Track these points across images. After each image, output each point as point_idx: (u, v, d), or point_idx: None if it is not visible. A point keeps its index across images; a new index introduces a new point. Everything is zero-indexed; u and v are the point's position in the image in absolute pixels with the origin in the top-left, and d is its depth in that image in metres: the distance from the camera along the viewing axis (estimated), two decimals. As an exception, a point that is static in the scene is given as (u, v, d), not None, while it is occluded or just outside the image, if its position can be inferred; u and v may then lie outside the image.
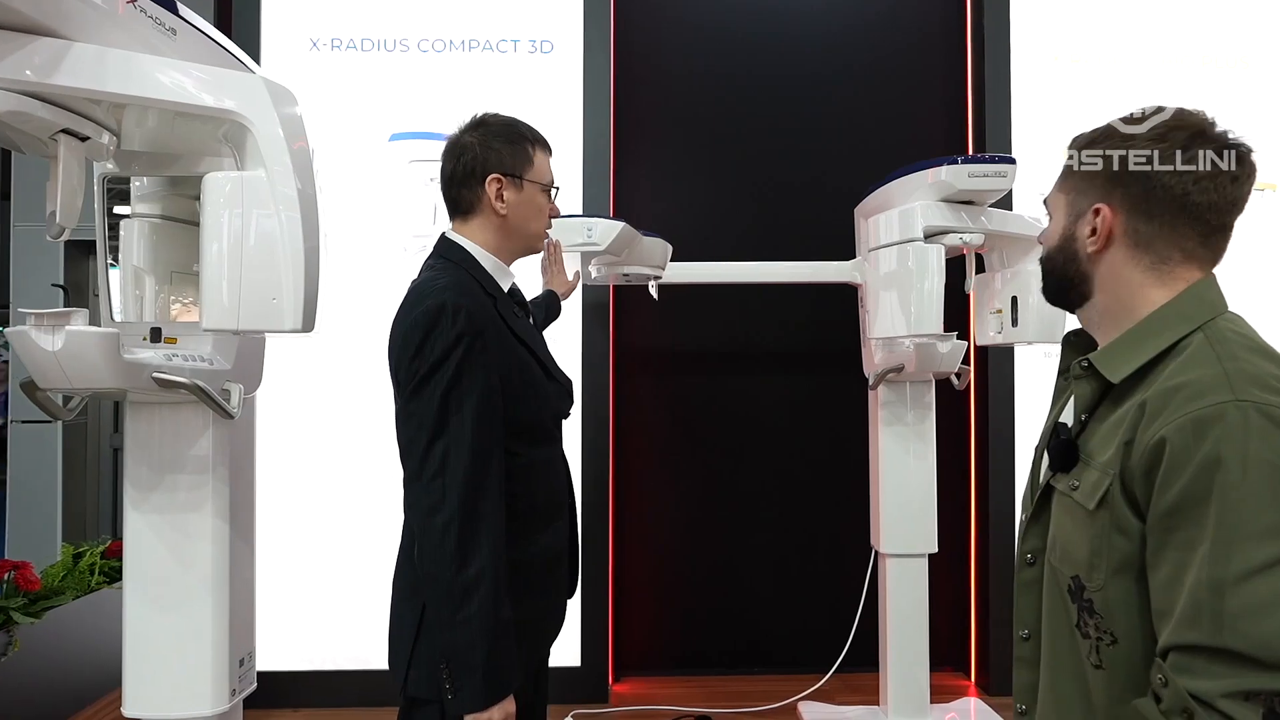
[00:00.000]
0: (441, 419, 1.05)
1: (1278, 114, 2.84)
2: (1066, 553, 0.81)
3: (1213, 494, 0.68)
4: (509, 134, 1.22)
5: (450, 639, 1.04)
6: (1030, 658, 0.90)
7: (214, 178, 1.08)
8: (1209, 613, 0.66)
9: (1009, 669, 2.87)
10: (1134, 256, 0.81)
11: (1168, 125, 0.79)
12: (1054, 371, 1.00)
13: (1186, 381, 0.72)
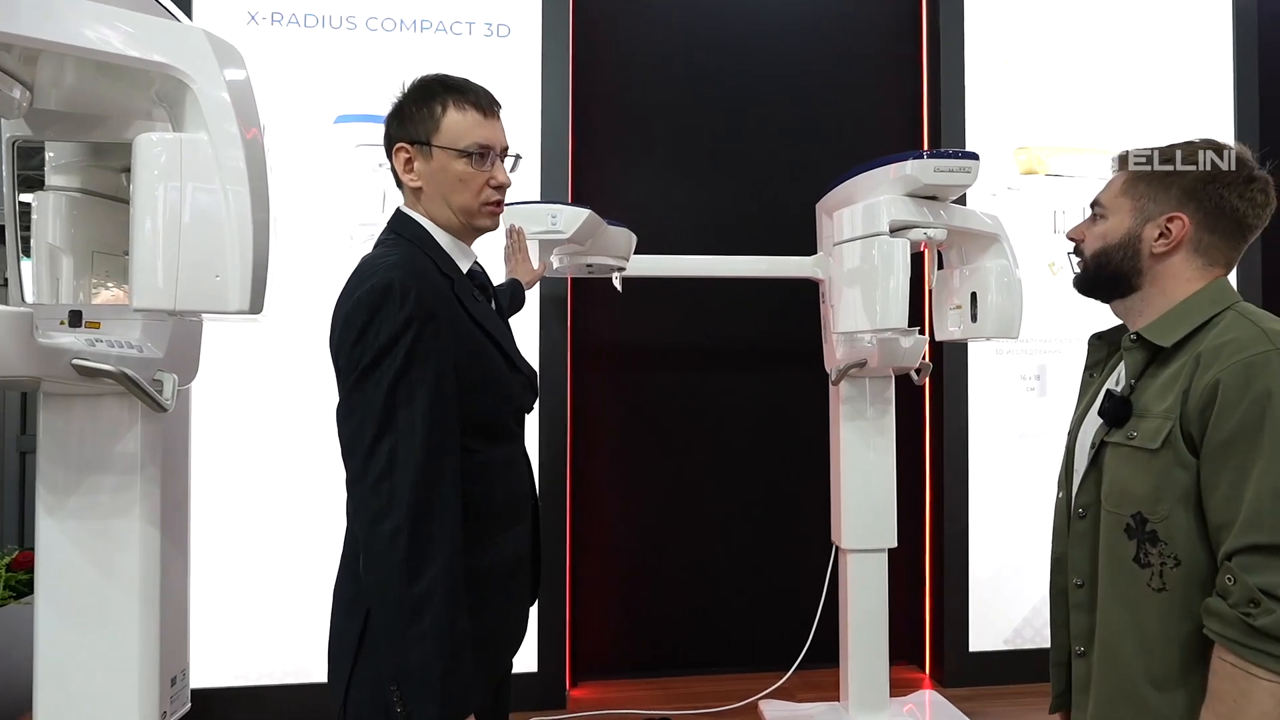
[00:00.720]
0: (388, 413, 0.93)
1: (1199, 111, 2.98)
2: (1126, 494, 0.96)
3: (1264, 422, 0.85)
4: (420, 93, 1.08)
5: (401, 658, 0.92)
6: (1085, 603, 1.03)
7: (147, 139, 0.96)
8: (1268, 517, 0.83)
9: (962, 662, 2.92)
10: (1190, 259, 1.01)
11: (1237, 158, 1.00)
12: (1006, 368, 1.37)
13: (1232, 339, 0.91)
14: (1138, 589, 0.95)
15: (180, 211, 0.95)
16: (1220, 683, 0.86)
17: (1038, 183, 2.89)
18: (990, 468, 2.85)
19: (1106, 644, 0.99)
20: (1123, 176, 1.06)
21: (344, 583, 1.09)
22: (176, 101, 0.99)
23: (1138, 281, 1.03)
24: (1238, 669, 0.84)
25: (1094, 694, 1.01)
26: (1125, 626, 0.96)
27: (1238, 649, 0.84)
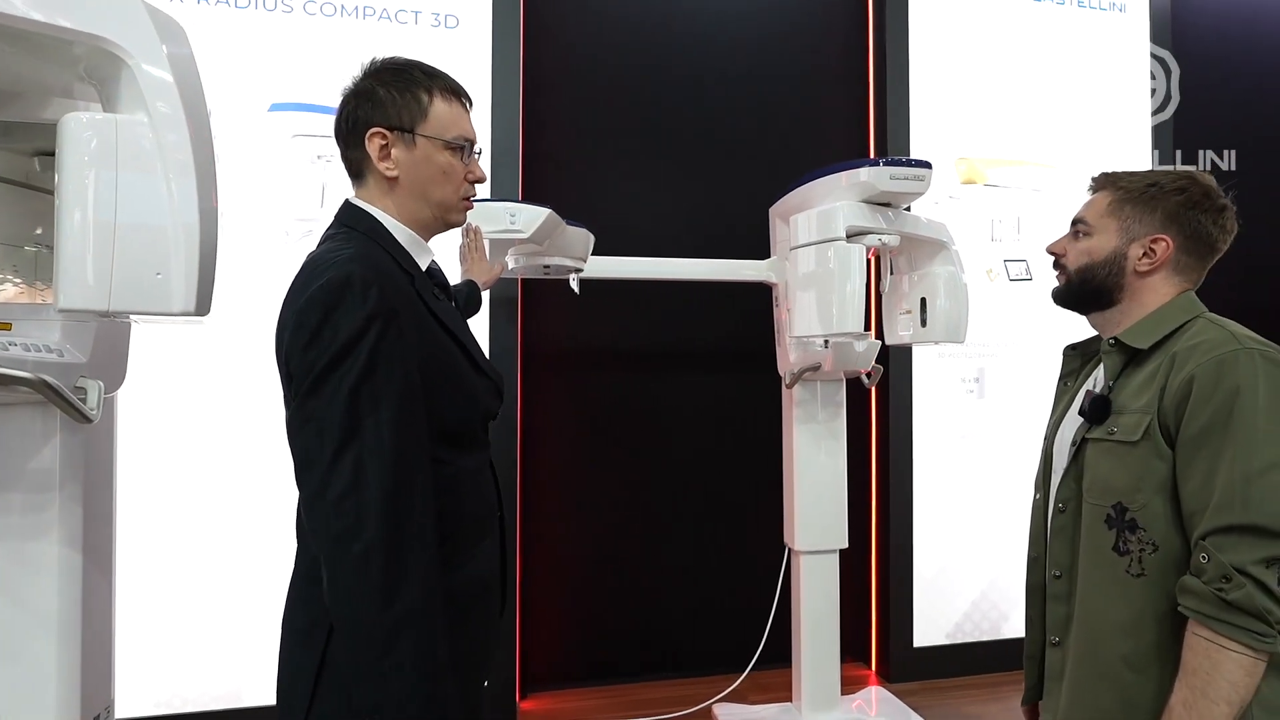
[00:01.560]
0: (351, 421, 0.84)
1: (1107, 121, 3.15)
2: (1107, 486, 1.02)
3: (1234, 414, 0.92)
4: (398, 78, 1.00)
5: (378, 691, 0.83)
6: (1063, 594, 1.09)
7: (74, 120, 0.85)
8: (1239, 499, 0.89)
9: (907, 657, 2.98)
10: (1169, 277, 1.09)
11: (1211, 188, 1.08)
12: (947, 372, 1.53)
13: (1205, 340, 0.99)
14: (1116, 576, 1.00)
15: (115, 202, 0.85)
16: (1193, 656, 0.91)
17: (977, 192, 2.99)
18: (933, 468, 2.94)
19: (1085, 630, 1.04)
20: (1108, 197, 1.12)
21: (296, 610, 0.99)
22: (109, 79, 0.88)
23: (1119, 296, 1.10)
24: (1210, 643, 0.89)
25: (1069, 680, 1.06)
26: (1104, 612, 1.01)
27: (1211, 623, 0.89)
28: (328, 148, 2.45)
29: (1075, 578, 1.07)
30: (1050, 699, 1.11)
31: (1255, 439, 0.90)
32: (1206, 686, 0.88)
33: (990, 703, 2.72)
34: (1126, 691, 0.99)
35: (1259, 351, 0.95)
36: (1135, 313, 1.09)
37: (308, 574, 0.98)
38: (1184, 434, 0.95)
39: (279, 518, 2.36)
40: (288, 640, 0.99)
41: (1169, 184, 1.08)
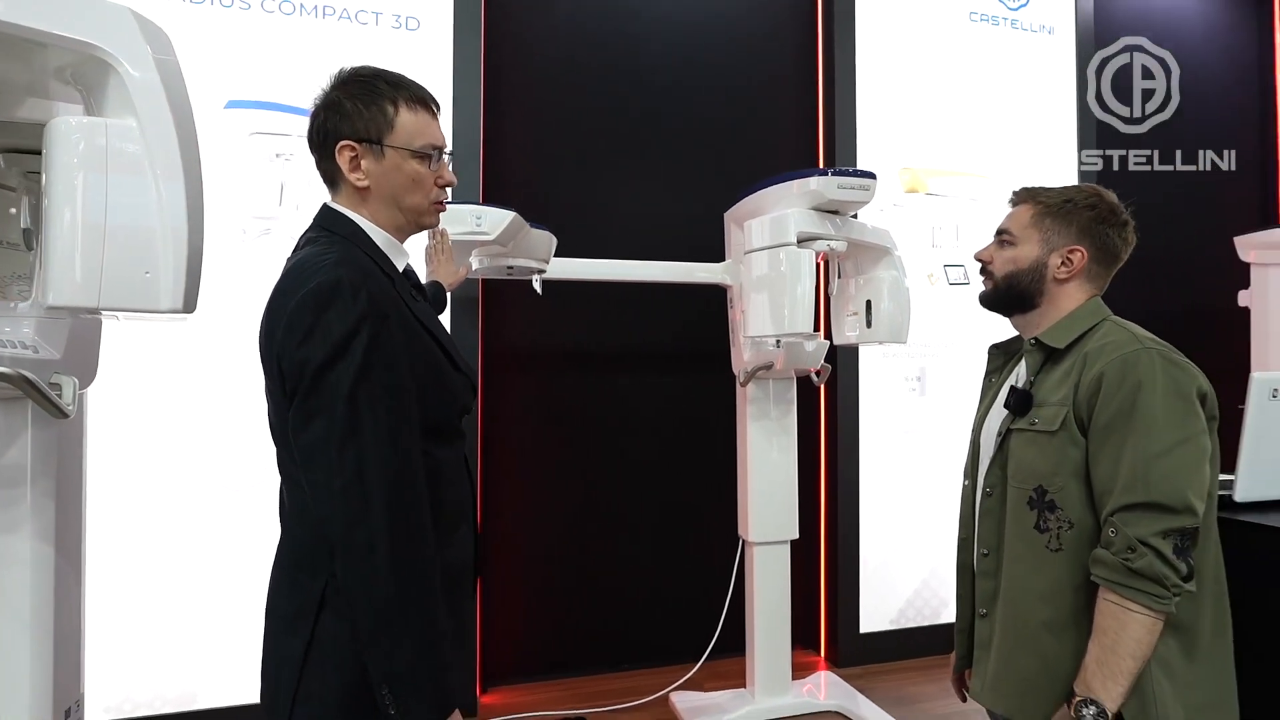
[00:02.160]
0: (352, 415, 0.90)
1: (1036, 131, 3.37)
2: (1030, 471, 1.14)
3: (1136, 406, 1.03)
4: (364, 90, 1.03)
5: (391, 661, 0.90)
6: (991, 570, 1.20)
7: (64, 124, 0.87)
8: (1141, 480, 1.01)
9: (854, 643, 3.14)
10: (1082, 284, 1.21)
11: (1116, 204, 1.21)
12: (891, 371, 1.73)
13: (1112, 340, 1.12)
14: (1037, 551, 1.11)
15: (105, 203, 0.87)
16: (1104, 619, 1.02)
17: (919, 200, 3.16)
18: (878, 462, 3.09)
19: (1010, 601, 1.15)
20: (1030, 211, 1.23)
21: (281, 598, 1.03)
22: (96, 84, 0.91)
23: (1039, 300, 1.22)
24: (1118, 605, 1.00)
25: (996, 647, 1.17)
26: (1027, 584, 1.13)
27: (1118, 589, 1.00)
28: (286, 146, 2.45)
29: (1001, 555, 1.17)
30: (979, 666, 1.21)
31: (1155, 428, 1.02)
32: (1115, 644, 1.00)
33: (930, 683, 2.89)
34: (1048, 654, 1.09)
35: (1157, 351, 1.07)
36: (1053, 315, 1.20)
37: (294, 563, 1.02)
38: (1095, 424, 1.07)
39: (234, 518, 2.34)
40: (273, 627, 1.03)
41: (1082, 200, 1.20)
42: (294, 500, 1.02)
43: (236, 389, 2.33)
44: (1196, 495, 1.00)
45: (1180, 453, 1.01)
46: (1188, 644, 1.05)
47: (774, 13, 3.17)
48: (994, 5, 3.30)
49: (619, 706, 2.63)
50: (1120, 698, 0.99)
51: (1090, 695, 1.00)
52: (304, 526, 1.00)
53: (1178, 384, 1.04)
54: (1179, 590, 0.99)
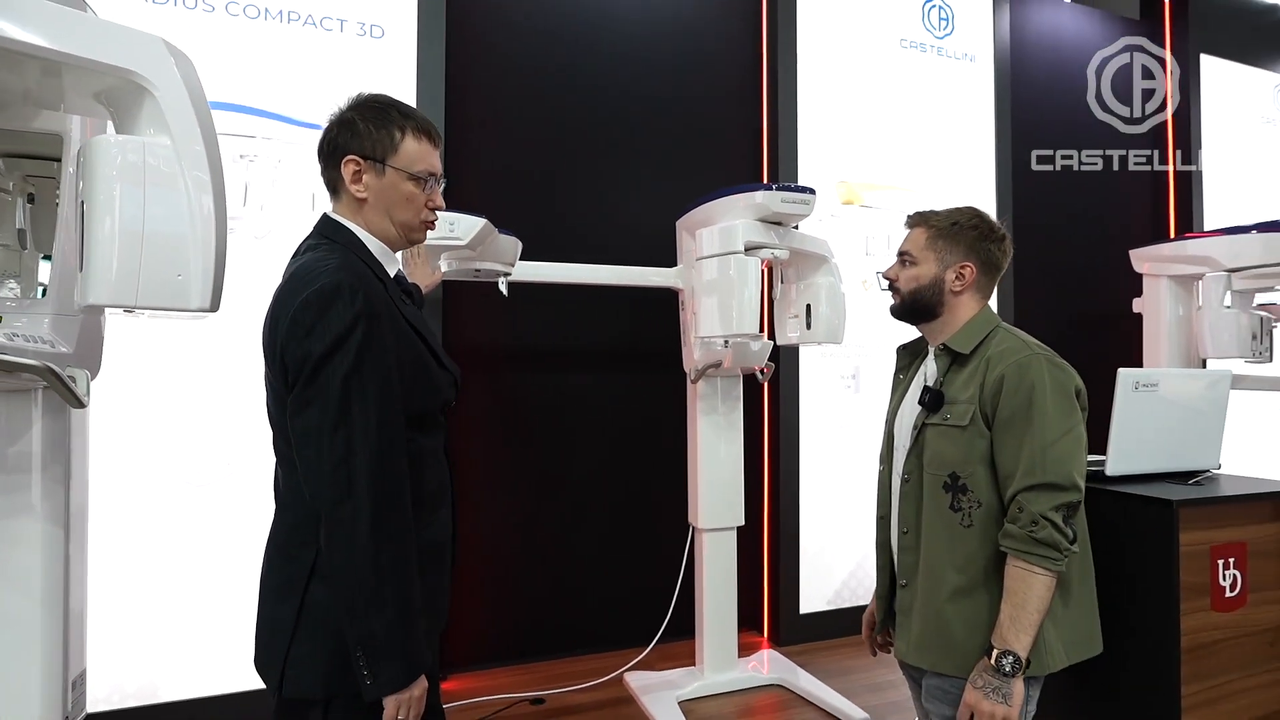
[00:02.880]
0: (343, 404, 1.01)
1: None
2: (944, 460, 1.31)
3: (1032, 403, 1.23)
4: (377, 115, 1.16)
5: (365, 626, 1.01)
6: (912, 545, 1.37)
7: (104, 142, 0.96)
8: (1039, 465, 1.20)
9: (794, 623, 3.40)
10: (973, 295, 1.39)
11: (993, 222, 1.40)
12: (828, 369, 2.04)
13: (1008, 347, 1.31)
14: (951, 528, 1.29)
15: (143, 212, 0.96)
16: (1013, 582, 1.20)
17: (854, 212, 3.41)
18: (816, 454, 3.32)
19: (929, 572, 1.31)
20: (924, 233, 1.40)
21: (272, 572, 1.13)
22: (131, 104, 1.00)
23: (940, 311, 1.39)
24: (1025, 570, 1.18)
25: (918, 611, 1.33)
26: (943, 557, 1.29)
27: (1024, 556, 1.18)
28: (250, 147, 2.50)
29: (920, 533, 1.33)
30: (902, 630, 1.38)
31: (1046, 422, 1.21)
32: (1024, 602, 1.18)
33: (864, 657, 3.13)
34: (963, 615, 1.26)
35: (1044, 356, 1.27)
36: (953, 324, 1.38)
37: (287, 540, 1.12)
38: (998, 419, 1.25)
39: (197, 513, 2.39)
40: (266, 599, 1.13)
41: (966, 221, 1.37)
42: (288, 481, 1.12)
43: (209, 384, 2.38)
44: (1079, 474, 1.20)
45: (1066, 441, 1.20)
46: (1064, 593, 1.26)
47: (722, 33, 3.37)
48: (922, 34, 3.59)
49: (576, 688, 2.77)
50: (1028, 646, 1.17)
51: (1007, 647, 1.17)
52: (297, 504, 1.10)
53: (1061, 384, 1.24)
54: (1069, 553, 1.18)
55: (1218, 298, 3.13)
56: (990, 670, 1.18)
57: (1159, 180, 4.42)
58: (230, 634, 2.40)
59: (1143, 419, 1.51)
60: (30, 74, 0.96)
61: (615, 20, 3.20)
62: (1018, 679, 1.17)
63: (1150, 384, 1.49)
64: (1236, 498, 1.42)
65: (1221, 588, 1.39)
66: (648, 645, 2.95)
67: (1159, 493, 1.43)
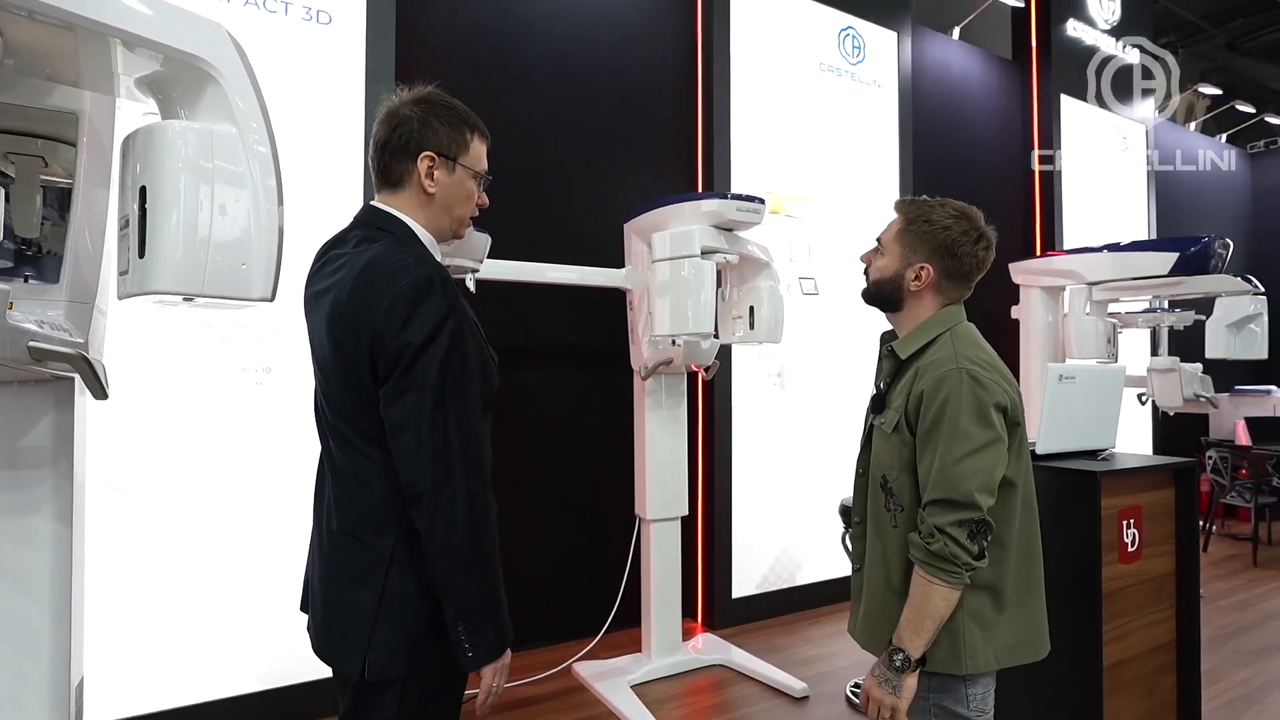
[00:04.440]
0: (439, 393, 1.05)
1: (884, 187, 4.04)
2: (879, 462, 1.34)
3: (945, 417, 1.22)
4: (451, 116, 1.21)
5: (466, 600, 1.06)
6: (861, 535, 1.41)
7: (170, 127, 0.93)
8: (942, 480, 1.20)
9: (727, 607, 3.63)
10: (934, 295, 1.35)
11: (974, 224, 1.33)
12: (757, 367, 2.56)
13: (937, 359, 1.28)
14: (885, 526, 1.32)
15: (211, 201, 0.95)
16: (913, 588, 1.22)
17: (779, 221, 3.65)
18: (746, 447, 3.53)
19: (871, 562, 1.36)
20: (898, 224, 1.36)
21: (346, 556, 1.13)
22: (189, 91, 0.97)
23: (901, 304, 1.37)
24: (923, 579, 1.20)
25: (865, 597, 1.39)
26: (879, 551, 1.34)
27: (924, 566, 1.20)
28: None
29: (867, 525, 1.38)
30: (854, 609, 1.43)
31: (955, 438, 1.19)
32: (920, 609, 1.20)
33: (791, 635, 3.37)
34: (891, 606, 1.29)
35: (966, 370, 1.23)
36: (911, 320, 1.36)
37: (359, 527, 1.12)
38: (919, 430, 1.25)
39: (124, 521, 2.23)
40: (339, 586, 1.13)
41: (938, 221, 1.31)
42: (354, 467, 1.13)
43: (136, 381, 2.23)
44: (982, 492, 1.18)
45: (972, 459, 1.18)
46: (997, 599, 1.26)
47: (663, 45, 3.52)
48: (838, 59, 3.91)
49: (525, 681, 2.81)
50: (921, 648, 1.21)
51: (900, 646, 1.22)
52: (365, 491, 1.12)
53: (978, 401, 1.20)
54: (970, 567, 1.18)
55: (1080, 307, 3.62)
56: (885, 663, 1.23)
57: (1028, 201, 5.02)
58: (155, 647, 2.26)
59: (1065, 406, 1.78)
60: (85, 51, 0.93)
61: (562, 25, 3.26)
62: (908, 675, 1.21)
63: (1070, 377, 1.76)
64: (1137, 469, 1.72)
65: (1125, 544, 1.68)
66: (595, 636, 3.03)
67: (1082, 466, 1.70)
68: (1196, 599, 1.88)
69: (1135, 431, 5.39)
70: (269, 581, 2.42)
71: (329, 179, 2.58)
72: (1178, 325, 3.96)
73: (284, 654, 2.42)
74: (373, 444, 1.10)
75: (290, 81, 2.54)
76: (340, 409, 1.13)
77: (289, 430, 2.46)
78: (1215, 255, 3.20)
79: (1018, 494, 1.27)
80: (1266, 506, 4.85)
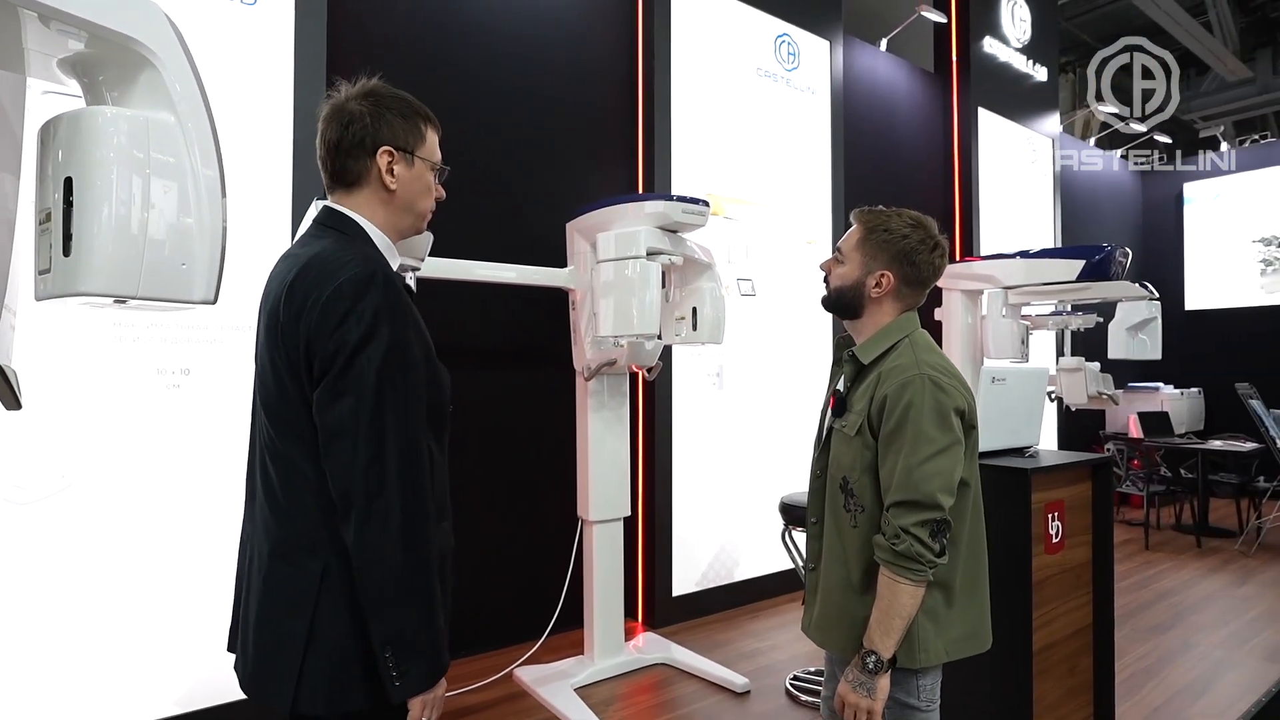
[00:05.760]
0: (378, 397, 0.98)
1: (817, 192, 4.15)
2: (839, 464, 1.36)
3: (907, 422, 1.25)
4: (404, 108, 1.16)
5: (395, 624, 0.98)
6: (818, 534, 1.43)
7: (99, 113, 0.85)
8: (906, 482, 1.23)
9: (667, 605, 3.68)
10: (893, 302, 1.38)
11: (930, 233, 1.37)
12: (696, 367, 2.66)
13: (899, 364, 1.31)
14: (845, 526, 1.34)
15: (147, 195, 0.87)
16: (881, 589, 1.24)
17: (718, 223, 3.70)
18: (686, 447, 3.56)
19: (828, 561, 1.37)
20: (858, 233, 1.39)
21: (277, 580, 1.06)
22: (121, 75, 0.89)
23: (861, 311, 1.39)
24: (890, 579, 1.22)
25: (819, 595, 1.40)
26: (837, 551, 1.35)
27: (890, 566, 1.22)
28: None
29: (823, 524, 1.40)
30: (809, 607, 1.45)
31: (919, 441, 1.22)
32: (889, 608, 1.22)
33: (732, 630, 3.43)
34: (851, 604, 1.32)
35: (928, 376, 1.26)
36: (871, 326, 1.39)
37: (292, 548, 1.05)
38: (881, 434, 1.27)
39: (22, 536, 2.05)
40: (274, 612, 1.05)
41: (896, 230, 1.35)
42: (288, 484, 1.05)
43: (34, 385, 2.04)
44: (943, 493, 1.22)
45: (934, 461, 1.22)
46: (947, 595, 1.30)
47: (603, 45, 3.50)
48: (774, 65, 3.99)
49: (465, 689, 2.75)
50: (892, 648, 1.23)
51: (872, 648, 1.24)
52: (298, 509, 1.05)
53: (939, 405, 1.24)
54: (933, 565, 1.22)
55: (997, 310, 3.82)
56: (858, 667, 1.25)
57: (949, 208, 5.27)
58: (59, 672, 2.09)
59: (996, 406, 1.88)
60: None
61: (502, 21, 3.19)
62: (881, 676, 1.23)
63: (1002, 379, 1.86)
64: (1061, 466, 1.84)
65: (1050, 535, 1.79)
66: (537, 640, 2.99)
67: (1013, 463, 1.80)
68: (1111, 585, 2.03)
69: (1043, 427, 5.75)
70: (187, 598, 2.27)
71: (253, 171, 2.44)
72: (1082, 327, 4.24)
73: (204, 675, 2.28)
74: (309, 457, 1.03)
75: (218, 65, 2.39)
76: (278, 418, 1.05)
77: (210, 437, 2.31)
78: (1116, 263, 3.44)
79: (970, 494, 1.32)
80: (1156, 494, 5.27)
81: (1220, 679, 2.93)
